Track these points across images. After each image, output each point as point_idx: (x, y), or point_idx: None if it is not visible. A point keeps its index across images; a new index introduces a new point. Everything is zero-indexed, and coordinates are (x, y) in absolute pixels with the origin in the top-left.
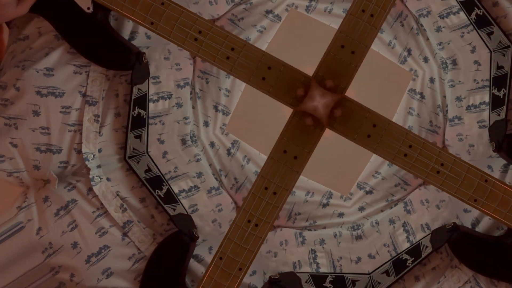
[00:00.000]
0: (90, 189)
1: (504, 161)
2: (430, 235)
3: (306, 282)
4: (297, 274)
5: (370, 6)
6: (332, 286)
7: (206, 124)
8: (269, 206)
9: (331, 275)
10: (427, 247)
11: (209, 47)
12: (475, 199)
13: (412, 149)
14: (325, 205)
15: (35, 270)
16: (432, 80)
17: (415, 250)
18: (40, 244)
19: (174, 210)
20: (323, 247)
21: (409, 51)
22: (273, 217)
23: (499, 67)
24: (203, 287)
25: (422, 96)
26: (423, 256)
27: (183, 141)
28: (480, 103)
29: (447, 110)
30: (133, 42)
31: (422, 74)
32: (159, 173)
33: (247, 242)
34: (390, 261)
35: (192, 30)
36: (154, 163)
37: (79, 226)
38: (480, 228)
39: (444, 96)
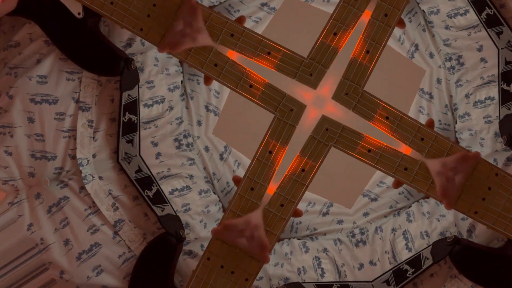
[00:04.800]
0: (83, 187)
1: (507, 154)
2: (430, 246)
3: None
4: (302, 284)
5: None
6: None
7: (199, 123)
8: (275, 217)
9: (336, 284)
10: (427, 258)
11: (197, 54)
12: (475, 211)
13: None
14: (325, 214)
15: (25, 266)
16: (439, 81)
17: (415, 261)
18: (31, 239)
19: (163, 210)
20: (326, 254)
21: (416, 47)
22: (280, 230)
23: (507, 63)
24: (192, 287)
25: (431, 96)
26: (423, 268)
27: (176, 140)
28: (486, 98)
29: (455, 109)
30: (130, 49)
31: (429, 73)
32: (150, 174)
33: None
34: (391, 271)
35: None
36: (145, 164)
37: (70, 224)
38: (477, 234)
39: (451, 96)
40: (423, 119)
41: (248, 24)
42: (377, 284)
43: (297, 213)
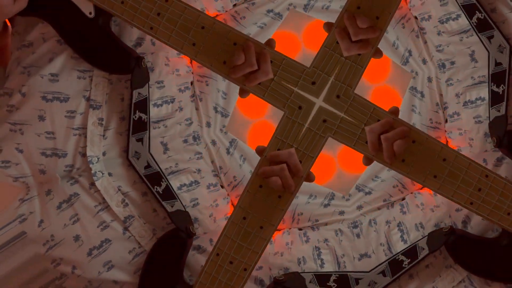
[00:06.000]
0: (92, 184)
1: (497, 155)
2: (426, 237)
3: (310, 282)
4: (301, 274)
5: None
6: (336, 285)
7: (208, 124)
8: (273, 210)
9: (334, 274)
10: (423, 249)
11: (206, 52)
12: (471, 202)
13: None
14: (326, 205)
15: (36, 261)
16: (429, 79)
17: (411, 252)
18: (42, 236)
19: (172, 206)
20: (327, 244)
21: (410, 52)
22: (278, 221)
23: (497, 64)
24: (201, 282)
25: (422, 95)
26: (419, 258)
27: (185, 141)
28: (476, 99)
29: (445, 107)
30: (140, 48)
31: (421, 74)
32: (159, 169)
33: (251, 243)
34: (386, 262)
35: (190, 35)
36: (154, 159)
37: (81, 220)
38: (472, 225)
39: (441, 95)
40: (415, 118)
41: (253, 29)
42: (373, 275)
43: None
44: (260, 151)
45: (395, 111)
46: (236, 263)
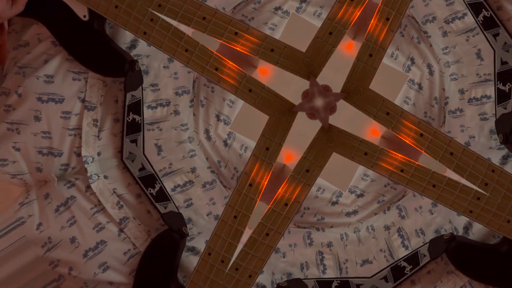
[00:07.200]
0: (88, 187)
1: (502, 153)
2: (428, 244)
3: None
4: (303, 280)
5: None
6: None
7: (207, 131)
8: (280, 216)
9: (336, 280)
10: (425, 255)
11: (198, 58)
12: (470, 210)
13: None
14: (334, 203)
15: (35, 263)
16: (431, 73)
17: (413, 258)
18: (40, 238)
19: (165, 208)
20: (330, 249)
21: (412, 60)
22: (284, 228)
23: (503, 63)
24: (193, 281)
25: (420, 87)
26: (421, 264)
27: (179, 143)
28: (482, 96)
29: (446, 102)
30: (135, 51)
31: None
32: (153, 171)
33: (258, 250)
34: (389, 268)
35: (183, 42)
36: (148, 161)
37: (77, 222)
38: (474, 231)
39: (443, 89)
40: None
41: (264, 31)
42: (375, 281)
43: None
44: None
45: None
46: (242, 270)
